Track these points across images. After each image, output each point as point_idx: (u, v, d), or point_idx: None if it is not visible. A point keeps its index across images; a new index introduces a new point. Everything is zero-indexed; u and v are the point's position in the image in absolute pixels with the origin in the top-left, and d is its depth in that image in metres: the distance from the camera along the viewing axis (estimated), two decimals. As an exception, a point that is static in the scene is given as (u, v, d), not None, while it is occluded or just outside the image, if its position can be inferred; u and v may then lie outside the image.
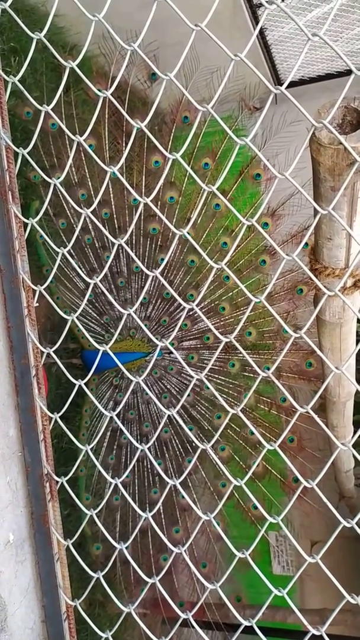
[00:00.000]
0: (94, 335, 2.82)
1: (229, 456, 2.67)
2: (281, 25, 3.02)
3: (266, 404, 2.69)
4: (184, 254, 2.72)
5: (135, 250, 2.69)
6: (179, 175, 2.72)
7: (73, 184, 2.64)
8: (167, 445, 2.79)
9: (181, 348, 2.77)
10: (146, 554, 2.60)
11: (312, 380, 2.65)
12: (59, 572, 1.26)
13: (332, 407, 1.76)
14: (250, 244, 2.80)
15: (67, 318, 1.20)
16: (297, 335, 1.12)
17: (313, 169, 1.03)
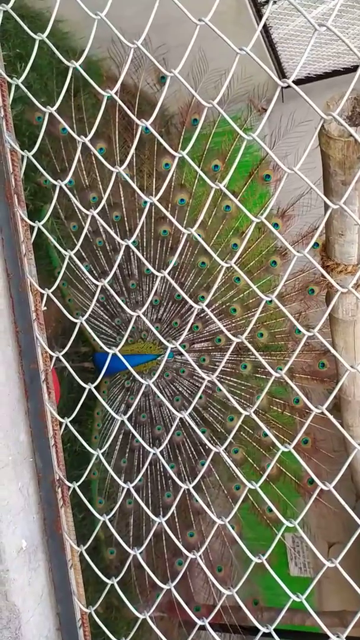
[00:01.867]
0: (106, 338, 2.80)
1: (242, 458, 2.63)
2: (286, 23, 2.96)
3: (279, 406, 2.64)
4: (194, 256, 2.70)
5: (145, 252, 2.67)
6: (189, 177, 2.71)
7: (84, 187, 2.64)
8: (179, 448, 2.76)
9: (192, 350, 2.74)
10: (161, 558, 2.56)
11: (325, 380, 2.60)
12: (73, 579, 1.23)
13: (347, 406, 1.71)
14: (261, 245, 2.77)
15: (76, 321, 1.17)
16: (310, 334, 1.08)
17: (323, 163, 1.00)
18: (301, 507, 2.50)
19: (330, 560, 1.02)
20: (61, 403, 2.82)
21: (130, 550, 1.17)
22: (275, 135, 2.84)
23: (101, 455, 1.18)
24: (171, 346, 1.11)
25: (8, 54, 2.59)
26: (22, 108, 2.49)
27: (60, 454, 1.23)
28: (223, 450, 1.13)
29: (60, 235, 2.66)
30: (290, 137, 2.84)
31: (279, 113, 2.89)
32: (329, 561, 1.03)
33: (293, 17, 2.90)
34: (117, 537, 1.21)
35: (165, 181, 2.80)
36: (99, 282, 1.10)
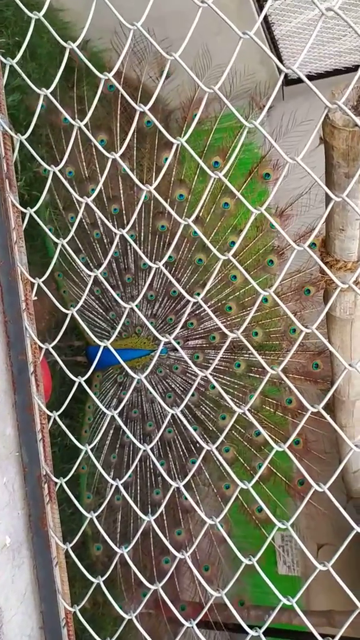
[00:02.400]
0: (100, 332, 2.77)
1: (233, 457, 2.59)
2: (288, 20, 2.90)
3: (271, 406, 2.60)
4: (191, 252, 2.66)
5: (143, 247, 2.64)
6: (189, 173, 2.67)
7: (84, 179, 2.60)
8: (170, 445, 2.72)
9: (186, 347, 2.70)
10: (148, 556, 2.52)
11: (318, 382, 2.57)
12: (58, 577, 1.19)
13: (340, 406, 1.68)
14: (258, 243, 2.73)
15: (67, 312, 1.12)
16: (308, 331, 1.04)
17: (326, 154, 0.96)
18: (290, 508, 2.47)
19: (322, 563, 0.99)
20: (53, 397, 2.78)
21: (117, 549, 1.13)
22: (277, 133, 2.80)
23: (90, 450, 1.13)
24: (164, 340, 1.07)
25: (7, 42, 2.54)
26: (20, 97, 2.44)
27: (48, 448, 1.18)
28: (214, 449, 1.09)
29: (58, 226, 2.62)
30: (291, 136, 2.81)
31: (280, 112, 2.86)
32: (321, 564, 0.99)
33: (296, 13, 2.86)
34: (105, 536, 1.17)
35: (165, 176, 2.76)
36: (92, 272, 1.06)
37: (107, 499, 1.37)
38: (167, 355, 2.71)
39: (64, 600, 1.19)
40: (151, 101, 1.06)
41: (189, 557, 1.07)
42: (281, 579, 2.82)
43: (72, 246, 2.64)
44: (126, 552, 1.12)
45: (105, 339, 2.93)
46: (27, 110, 2.48)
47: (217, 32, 2.90)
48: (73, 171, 2.57)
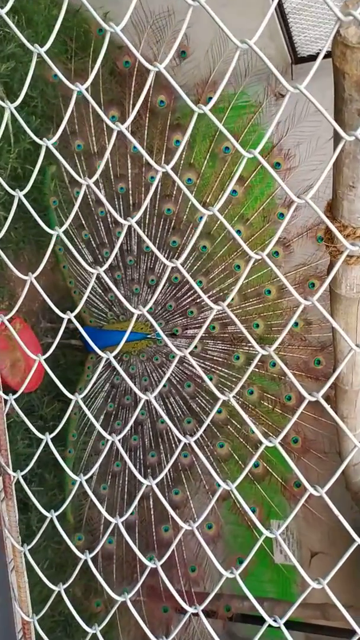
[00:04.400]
0: (97, 313, 2.60)
1: (227, 454, 2.42)
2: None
3: (270, 402, 2.42)
4: (196, 239, 2.48)
5: (147, 230, 2.50)
6: (199, 157, 2.51)
7: (92, 154, 2.45)
8: (162, 436, 2.53)
9: (185, 336, 2.52)
10: (131, 552, 2.32)
11: (319, 379, 2.39)
12: (15, 583, 0.99)
13: (343, 396, 1.51)
14: (265, 234, 2.57)
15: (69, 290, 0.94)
16: (308, 303, 0.84)
17: (336, 85, 0.77)
18: (285, 510, 2.29)
19: (317, 580, 0.86)
20: (46, 379, 2.60)
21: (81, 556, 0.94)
22: (289, 123, 2.65)
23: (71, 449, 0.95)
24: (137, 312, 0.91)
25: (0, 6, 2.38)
26: (15, 65, 2.28)
27: (4, 436, 0.99)
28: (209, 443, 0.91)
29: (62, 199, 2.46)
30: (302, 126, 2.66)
31: (294, 100, 2.70)
32: (315, 581, 0.86)
33: None
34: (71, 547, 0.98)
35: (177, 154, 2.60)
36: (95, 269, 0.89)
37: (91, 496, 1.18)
38: (164, 342, 2.53)
39: (20, 609, 0.99)
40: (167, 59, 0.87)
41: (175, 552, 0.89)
42: (277, 568, 2.66)
43: (76, 222, 2.48)
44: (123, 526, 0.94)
45: (103, 320, 2.73)
46: (21, 80, 2.32)
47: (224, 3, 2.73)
48: (82, 145, 2.44)
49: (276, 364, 2.39)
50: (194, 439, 0.95)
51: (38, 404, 2.56)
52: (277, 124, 2.91)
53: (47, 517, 1.04)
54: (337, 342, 1.36)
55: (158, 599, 2.17)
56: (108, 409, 2.56)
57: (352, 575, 1.47)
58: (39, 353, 2.39)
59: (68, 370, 2.78)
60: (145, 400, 2.24)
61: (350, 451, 1.55)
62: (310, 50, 3.01)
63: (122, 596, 1.02)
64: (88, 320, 2.65)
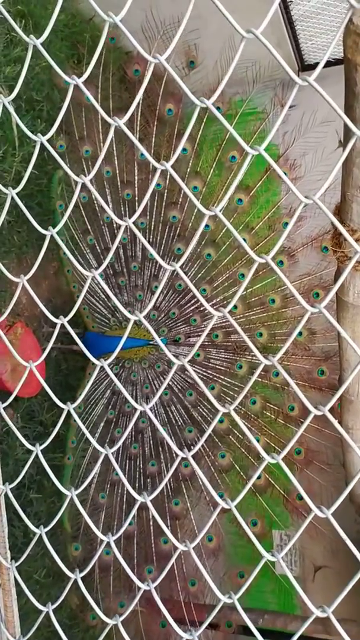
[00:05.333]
0: (100, 318, 2.58)
1: (228, 464, 2.37)
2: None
3: (272, 412, 2.38)
4: (201, 247, 2.47)
5: (152, 236, 2.48)
6: (205, 166, 2.50)
7: None
8: (162, 445, 2.49)
9: (187, 344, 2.49)
10: (129, 564, 2.26)
11: (323, 389, 2.35)
12: (1, 602, 0.94)
13: (348, 407, 1.47)
14: (269, 243, 2.55)
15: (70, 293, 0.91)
16: (315, 310, 0.81)
17: (347, 80, 0.75)
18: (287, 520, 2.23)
19: (321, 607, 0.80)
20: (47, 385, 2.57)
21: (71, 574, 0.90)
22: (295, 133, 2.65)
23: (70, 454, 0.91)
24: (134, 318, 0.88)
25: (8, 10, 2.40)
26: (21, 68, 2.28)
27: None
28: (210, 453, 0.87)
29: (68, 203, 2.45)
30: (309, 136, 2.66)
31: (300, 111, 2.70)
32: (320, 609, 0.80)
33: None
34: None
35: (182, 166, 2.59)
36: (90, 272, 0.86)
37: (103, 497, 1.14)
38: (166, 344, 2.50)
39: (7, 631, 0.95)
40: (168, 51, 0.86)
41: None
42: (279, 578, 2.61)
43: (81, 227, 2.47)
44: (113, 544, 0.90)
45: (106, 326, 2.71)
46: (27, 83, 2.32)
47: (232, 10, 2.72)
48: (90, 150, 2.44)
49: (279, 373, 2.35)
50: (192, 453, 0.90)
51: (38, 409, 2.53)
52: (284, 134, 2.92)
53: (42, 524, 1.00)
54: (344, 351, 1.33)
55: (156, 614, 2.12)
56: (109, 416, 2.53)
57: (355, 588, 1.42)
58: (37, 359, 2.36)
59: (69, 376, 2.75)
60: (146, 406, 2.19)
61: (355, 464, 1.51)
62: (317, 58, 3.01)
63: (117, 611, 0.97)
64: (91, 326, 2.63)
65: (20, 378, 2.63)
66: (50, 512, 2.45)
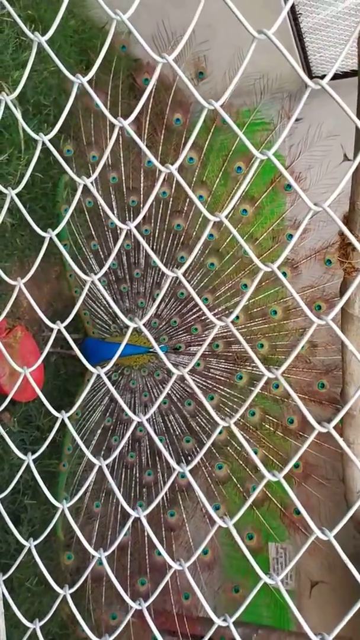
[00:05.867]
0: (101, 324, 2.57)
1: (226, 476, 2.34)
2: (317, 12, 2.68)
3: (272, 424, 2.36)
4: (204, 256, 2.48)
5: (156, 244, 2.48)
6: (211, 175, 2.51)
7: (106, 166, 2.46)
8: (160, 455, 2.46)
9: (188, 353, 2.48)
10: (122, 575, 2.23)
11: (323, 403, 2.33)
12: None
13: (350, 421, 1.46)
14: (273, 254, 2.54)
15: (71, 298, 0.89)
16: (322, 322, 0.80)
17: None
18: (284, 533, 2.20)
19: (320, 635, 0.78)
20: (45, 390, 2.56)
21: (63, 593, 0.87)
22: (302, 146, 2.66)
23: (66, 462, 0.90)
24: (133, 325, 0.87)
25: (18, 14, 2.43)
26: (29, 73, 2.29)
27: None
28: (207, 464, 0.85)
29: (75, 208, 2.47)
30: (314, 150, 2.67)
31: (306, 124, 2.71)
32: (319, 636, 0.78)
33: (324, 5, 2.64)
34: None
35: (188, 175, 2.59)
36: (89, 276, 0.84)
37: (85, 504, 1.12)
38: (166, 352, 2.48)
39: None
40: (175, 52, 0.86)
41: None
42: (273, 592, 2.56)
43: (85, 232, 2.47)
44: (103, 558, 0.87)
45: (106, 332, 2.70)
46: (34, 87, 2.33)
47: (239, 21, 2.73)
48: (97, 156, 2.46)
49: (279, 385, 2.34)
50: (189, 467, 0.88)
51: (36, 414, 2.51)
52: (290, 147, 2.94)
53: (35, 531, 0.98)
54: (347, 364, 1.32)
55: (148, 626, 2.08)
56: (106, 423, 2.50)
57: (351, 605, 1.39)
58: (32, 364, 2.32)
59: (68, 381, 2.73)
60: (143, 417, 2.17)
61: (355, 479, 1.49)
62: (325, 70, 3.02)
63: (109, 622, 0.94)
64: (91, 332, 2.62)
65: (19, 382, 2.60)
66: (44, 519, 2.41)
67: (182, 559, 0.87)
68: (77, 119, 2.46)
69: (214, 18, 2.88)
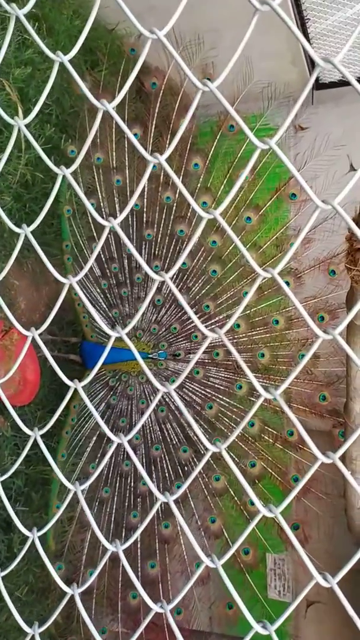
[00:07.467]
0: (99, 329, 2.55)
1: (223, 488, 2.32)
2: (325, 17, 2.68)
3: (271, 436, 2.34)
4: (207, 263, 2.47)
5: (158, 249, 2.48)
6: (216, 182, 2.52)
7: (111, 169, 2.46)
8: (156, 464, 2.44)
9: (187, 360, 2.46)
10: (114, 587, 2.19)
11: (324, 416, 2.31)
12: None
13: (352, 437, 1.42)
14: (276, 263, 2.53)
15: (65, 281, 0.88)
16: (329, 337, 0.76)
17: None
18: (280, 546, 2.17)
19: None
20: (41, 393, 2.54)
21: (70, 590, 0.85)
22: (307, 156, 2.67)
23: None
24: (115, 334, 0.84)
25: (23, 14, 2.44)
26: (31, 71, 2.29)
27: None
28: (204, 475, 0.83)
29: (77, 209, 2.46)
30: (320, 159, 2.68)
31: (313, 134, 2.73)
32: None
33: (332, 10, 2.65)
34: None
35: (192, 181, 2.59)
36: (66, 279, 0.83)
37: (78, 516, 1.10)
38: (165, 365, 2.46)
39: None
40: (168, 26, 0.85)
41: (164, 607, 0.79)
42: (270, 604, 2.51)
43: (87, 234, 2.47)
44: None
45: (105, 337, 2.68)
46: (37, 87, 2.33)
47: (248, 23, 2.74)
48: (102, 158, 2.46)
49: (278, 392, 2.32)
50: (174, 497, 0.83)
51: (31, 418, 2.49)
52: (296, 155, 2.95)
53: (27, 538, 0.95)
54: (352, 378, 1.31)
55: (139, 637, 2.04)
56: (100, 430, 2.48)
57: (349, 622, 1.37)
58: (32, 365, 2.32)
59: (64, 386, 2.70)
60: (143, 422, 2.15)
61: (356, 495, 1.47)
62: (332, 77, 3.04)
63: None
64: (89, 335, 2.61)
65: (15, 385, 2.60)
66: (36, 526, 2.38)
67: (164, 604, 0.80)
68: (83, 119, 2.47)
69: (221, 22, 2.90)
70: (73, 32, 2.68)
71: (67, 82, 2.61)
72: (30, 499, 2.42)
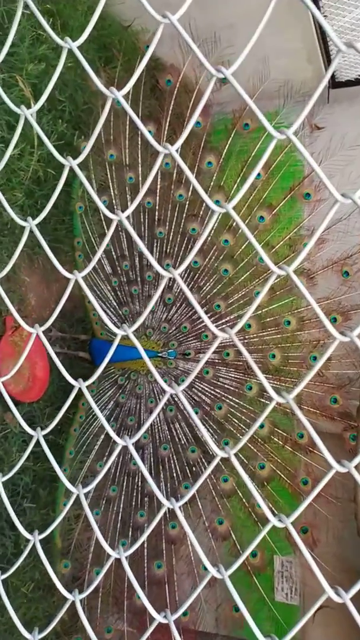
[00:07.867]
0: (108, 327, 2.55)
1: (231, 489, 2.31)
2: (342, 14, 2.62)
3: (281, 438, 2.32)
4: (219, 261, 2.45)
5: (169, 247, 2.47)
6: (229, 181, 2.51)
7: (124, 165, 2.46)
8: (164, 464, 2.44)
9: (197, 360, 2.45)
10: (120, 587, 2.19)
11: (335, 419, 2.29)
12: None
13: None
14: (289, 263, 2.51)
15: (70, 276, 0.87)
16: (346, 339, 0.74)
17: None
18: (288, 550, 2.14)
19: None
20: (50, 390, 2.55)
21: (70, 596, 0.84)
22: (323, 155, 2.65)
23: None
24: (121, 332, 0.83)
25: (37, 8, 2.44)
26: (45, 67, 2.30)
27: None
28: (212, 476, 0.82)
29: (89, 206, 2.47)
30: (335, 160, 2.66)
31: (329, 134, 2.70)
32: None
33: (350, 7, 2.59)
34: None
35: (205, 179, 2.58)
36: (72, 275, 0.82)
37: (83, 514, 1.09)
38: (174, 364, 2.45)
39: None
40: (180, 11, 0.84)
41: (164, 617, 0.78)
42: (278, 607, 2.50)
43: (99, 231, 2.47)
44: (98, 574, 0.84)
45: (114, 335, 2.67)
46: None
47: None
48: (115, 155, 2.46)
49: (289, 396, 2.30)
50: (180, 504, 0.82)
51: (39, 415, 2.49)
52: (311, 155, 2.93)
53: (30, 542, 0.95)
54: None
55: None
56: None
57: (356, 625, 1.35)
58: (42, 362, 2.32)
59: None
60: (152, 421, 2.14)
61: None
62: (348, 75, 2.99)
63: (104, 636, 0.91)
64: (99, 333, 2.61)
65: (23, 381, 2.61)
66: (44, 524, 2.39)
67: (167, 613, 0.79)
68: (96, 115, 2.47)
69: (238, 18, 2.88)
70: (86, 27, 2.68)
71: (82, 78, 2.61)
72: (37, 496, 2.43)
